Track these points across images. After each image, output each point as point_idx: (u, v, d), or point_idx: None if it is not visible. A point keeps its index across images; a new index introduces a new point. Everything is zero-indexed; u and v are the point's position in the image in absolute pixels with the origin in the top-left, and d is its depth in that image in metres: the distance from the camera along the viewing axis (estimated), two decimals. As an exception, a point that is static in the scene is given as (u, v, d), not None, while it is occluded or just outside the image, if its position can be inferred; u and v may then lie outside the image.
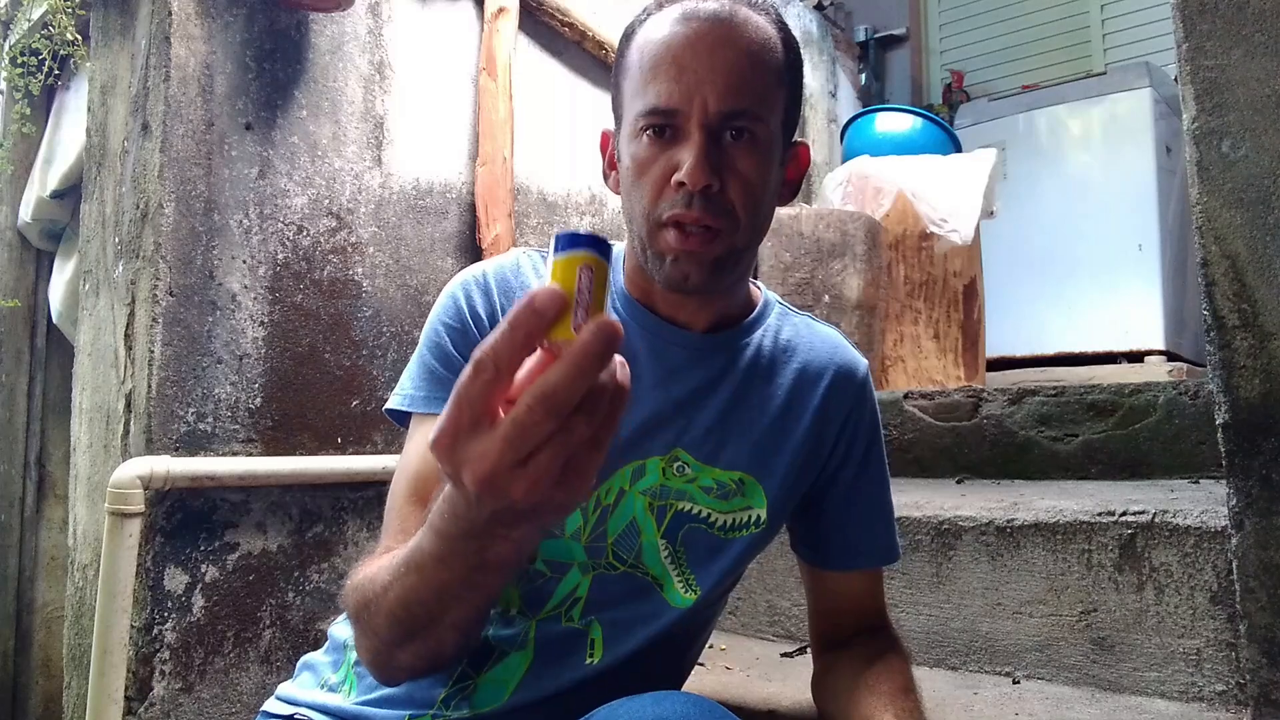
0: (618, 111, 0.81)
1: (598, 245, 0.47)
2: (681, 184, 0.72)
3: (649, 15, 0.78)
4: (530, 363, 0.45)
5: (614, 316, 0.46)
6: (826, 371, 0.89)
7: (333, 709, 0.79)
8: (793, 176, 0.84)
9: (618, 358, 0.45)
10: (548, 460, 0.44)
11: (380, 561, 0.65)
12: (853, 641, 0.91)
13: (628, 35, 0.80)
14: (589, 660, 0.79)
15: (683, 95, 0.73)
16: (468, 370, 0.44)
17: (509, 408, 0.44)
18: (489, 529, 0.50)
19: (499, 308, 0.80)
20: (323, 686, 0.83)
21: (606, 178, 0.86)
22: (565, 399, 0.43)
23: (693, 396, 0.83)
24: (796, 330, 0.91)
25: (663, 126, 0.74)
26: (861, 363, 0.92)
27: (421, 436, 0.77)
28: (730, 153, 0.74)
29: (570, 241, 0.47)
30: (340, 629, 0.87)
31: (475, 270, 0.83)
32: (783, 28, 0.80)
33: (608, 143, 0.86)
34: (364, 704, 0.78)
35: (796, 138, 0.83)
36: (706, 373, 0.84)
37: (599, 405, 0.44)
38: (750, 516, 0.85)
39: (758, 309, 0.89)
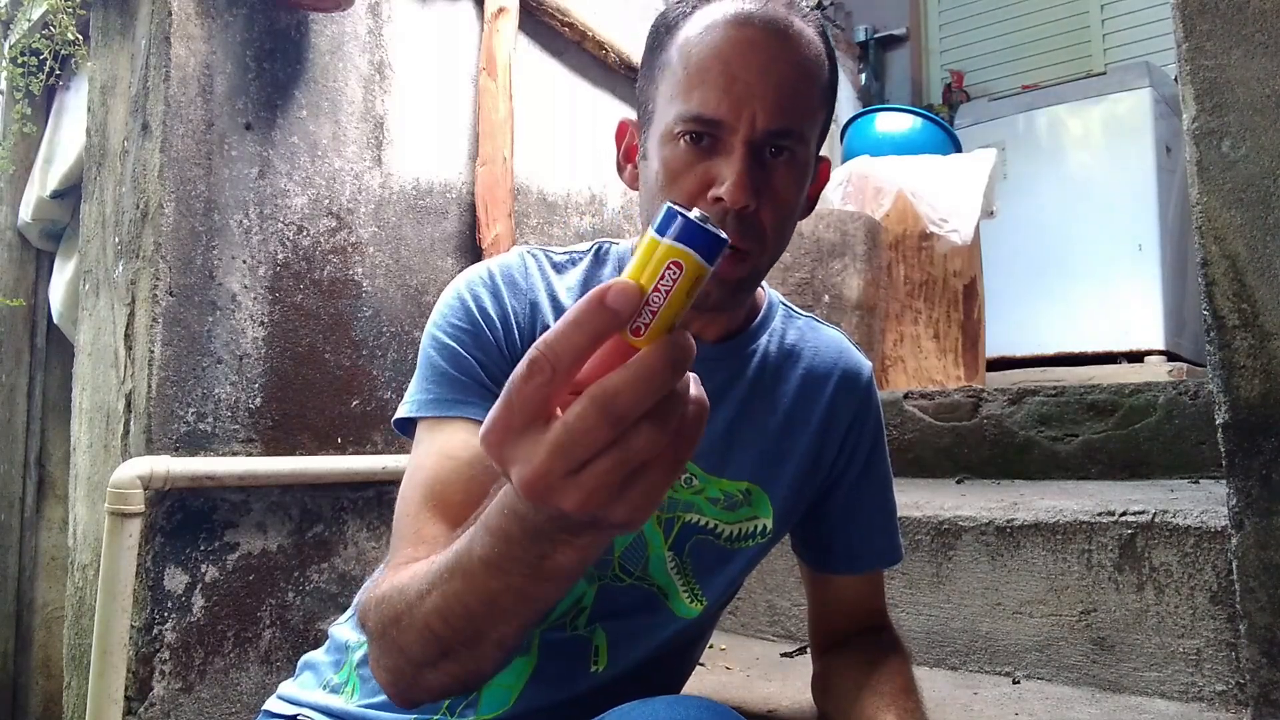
0: (648, 106, 0.77)
1: (704, 244, 0.39)
2: (718, 199, 0.69)
3: (694, 9, 0.74)
4: (600, 352, 0.40)
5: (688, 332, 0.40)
6: (831, 376, 0.88)
7: (336, 711, 0.79)
8: (813, 195, 0.81)
9: (692, 375, 0.41)
10: (603, 472, 0.39)
11: (411, 570, 0.59)
12: (854, 642, 0.91)
13: (669, 26, 0.75)
14: (594, 669, 0.79)
15: (731, 107, 0.69)
16: (522, 368, 0.40)
17: (570, 400, 0.40)
18: (551, 532, 0.45)
19: (510, 309, 0.77)
20: (324, 687, 0.83)
21: (621, 170, 0.82)
22: (626, 408, 0.38)
23: None
24: (801, 333, 0.90)
25: (702, 135, 0.71)
26: (866, 366, 0.91)
27: (434, 440, 0.73)
28: (769, 172, 0.71)
29: (679, 229, 0.39)
30: (341, 630, 0.87)
31: (480, 270, 0.80)
32: (827, 41, 0.76)
33: (625, 133, 0.82)
34: (367, 707, 0.78)
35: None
36: (714, 382, 0.82)
37: (669, 416, 0.39)
38: (757, 526, 0.84)
39: (762, 312, 0.88)
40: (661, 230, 0.40)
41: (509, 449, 0.41)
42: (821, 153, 0.82)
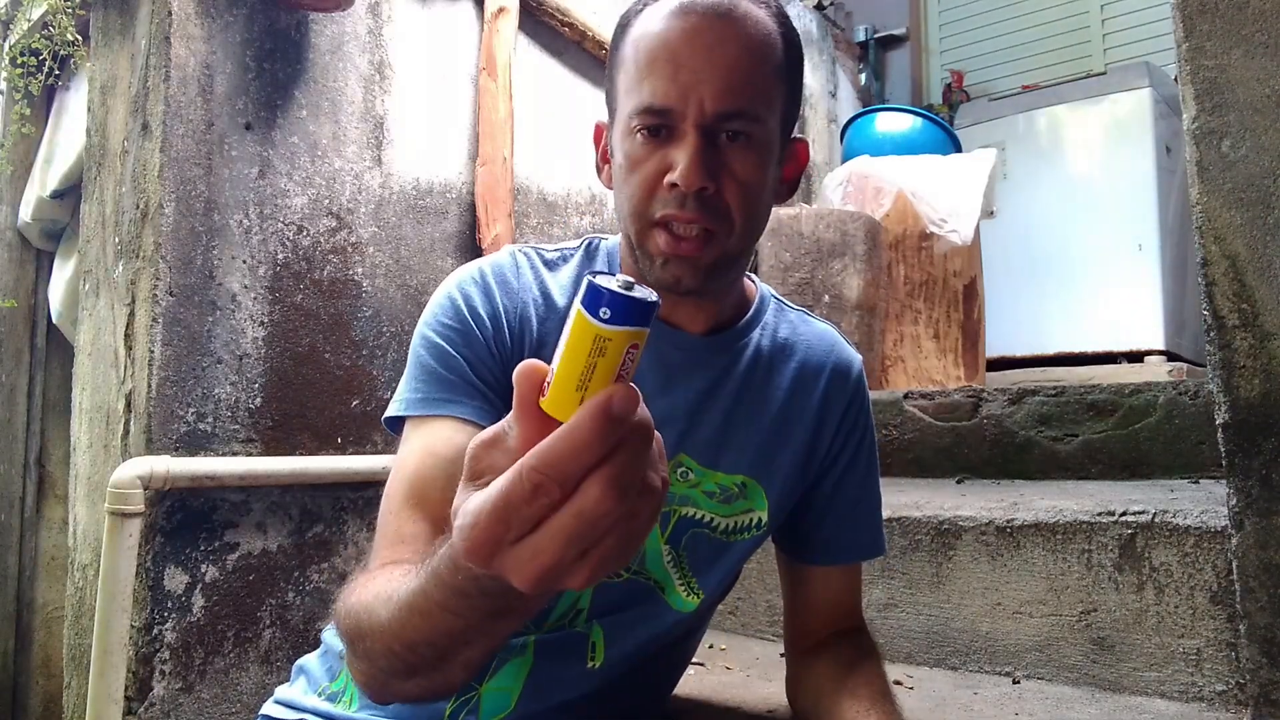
0: (611, 105, 0.79)
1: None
2: (675, 185, 0.70)
3: (645, 6, 0.76)
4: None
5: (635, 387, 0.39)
6: (825, 370, 0.88)
7: (338, 718, 0.79)
8: (790, 175, 0.82)
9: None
10: (616, 542, 0.38)
11: (377, 586, 0.58)
12: (830, 643, 0.90)
13: (623, 26, 0.77)
14: (590, 664, 0.79)
15: (678, 94, 0.70)
16: (525, 489, 0.37)
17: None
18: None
19: (501, 307, 0.78)
20: (321, 694, 0.83)
21: (599, 171, 0.84)
22: (632, 478, 0.38)
23: (695, 401, 0.82)
24: (793, 327, 0.90)
25: (657, 126, 0.72)
26: (856, 359, 0.92)
27: (419, 438, 0.73)
28: (726, 154, 0.72)
29: (625, 312, 0.38)
30: (334, 636, 0.86)
31: (471, 269, 0.81)
32: (783, 21, 0.77)
33: (601, 135, 0.83)
34: (366, 716, 0.78)
35: (796, 134, 0.81)
36: (707, 376, 0.83)
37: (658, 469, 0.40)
38: (752, 519, 0.85)
39: (754, 306, 0.88)
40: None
41: (505, 557, 0.40)
42: (811, 141, 0.82)
